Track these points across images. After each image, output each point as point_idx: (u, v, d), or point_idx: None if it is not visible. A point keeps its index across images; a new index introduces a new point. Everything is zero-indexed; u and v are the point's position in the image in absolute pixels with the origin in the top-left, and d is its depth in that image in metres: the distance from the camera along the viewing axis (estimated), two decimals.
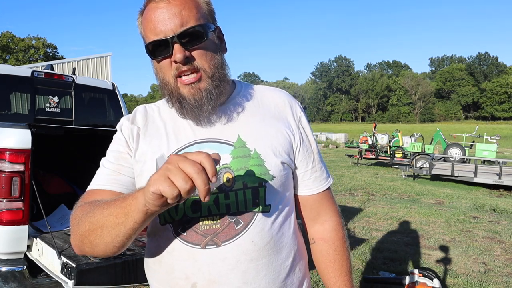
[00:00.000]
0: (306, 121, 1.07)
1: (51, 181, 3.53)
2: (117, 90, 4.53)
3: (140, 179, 0.97)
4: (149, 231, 1.04)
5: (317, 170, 1.07)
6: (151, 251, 1.02)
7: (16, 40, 49.41)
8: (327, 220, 1.09)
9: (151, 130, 1.01)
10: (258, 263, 0.94)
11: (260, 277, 0.95)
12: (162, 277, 0.99)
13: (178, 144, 0.97)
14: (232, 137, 0.97)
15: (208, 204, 0.93)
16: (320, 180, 1.07)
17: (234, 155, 0.95)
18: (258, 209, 0.95)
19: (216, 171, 0.70)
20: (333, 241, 1.08)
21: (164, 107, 1.06)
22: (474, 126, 18.60)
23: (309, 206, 1.08)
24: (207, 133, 0.97)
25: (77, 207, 0.94)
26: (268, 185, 0.95)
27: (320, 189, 1.07)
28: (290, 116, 1.04)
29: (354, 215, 6.57)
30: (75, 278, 2.12)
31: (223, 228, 0.93)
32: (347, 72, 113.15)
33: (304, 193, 1.07)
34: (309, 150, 1.05)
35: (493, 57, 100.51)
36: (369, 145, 15.07)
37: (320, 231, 1.09)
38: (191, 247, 0.94)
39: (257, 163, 0.94)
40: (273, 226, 0.97)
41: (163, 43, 0.91)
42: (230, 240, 0.93)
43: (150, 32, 0.92)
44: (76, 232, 0.89)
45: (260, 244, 0.94)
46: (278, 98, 1.06)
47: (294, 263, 1.02)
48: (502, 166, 9.64)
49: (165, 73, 0.94)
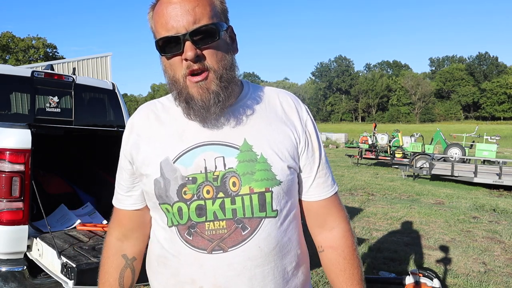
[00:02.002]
0: (312, 126, 1.04)
1: (51, 181, 3.53)
2: (117, 90, 4.52)
3: (145, 181, 0.98)
4: (154, 234, 1.04)
5: (321, 176, 1.03)
6: (156, 253, 1.01)
7: (16, 40, 49.40)
8: (335, 227, 1.05)
9: (154, 131, 1.00)
10: (264, 268, 0.94)
11: (266, 283, 0.94)
12: (167, 280, 0.98)
13: (183, 146, 0.95)
14: (238, 140, 0.94)
15: (214, 209, 0.92)
16: (325, 186, 1.04)
17: (240, 159, 0.93)
18: (264, 214, 0.93)
19: None
20: (343, 249, 1.03)
21: (169, 104, 1.03)
22: (474, 126, 18.58)
23: (314, 212, 1.05)
24: (213, 135, 0.95)
25: (109, 231, 1.13)
26: (275, 190, 0.93)
27: (324, 196, 1.04)
28: (296, 120, 1.01)
29: (354, 215, 6.57)
30: (75, 278, 2.12)
31: (229, 233, 0.92)
32: (347, 72, 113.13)
33: (308, 198, 1.04)
34: (313, 156, 1.02)
35: (493, 57, 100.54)
36: (369, 145, 15.06)
37: (329, 239, 1.05)
38: (197, 251, 0.93)
39: (263, 167, 0.93)
40: (280, 232, 0.96)
41: (174, 39, 0.89)
42: (237, 246, 0.92)
43: (161, 27, 0.90)
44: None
45: (266, 250, 0.93)
46: (285, 102, 1.03)
47: (297, 267, 1.01)
48: (502, 166, 9.63)
49: (175, 71, 0.92)
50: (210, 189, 0.92)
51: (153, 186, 0.95)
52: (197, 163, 0.93)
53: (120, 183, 1.08)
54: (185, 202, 0.93)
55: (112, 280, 1.10)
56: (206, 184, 0.92)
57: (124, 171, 1.05)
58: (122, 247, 1.11)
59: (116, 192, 1.10)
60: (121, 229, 1.11)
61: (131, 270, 1.11)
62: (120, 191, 1.09)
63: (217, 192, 0.92)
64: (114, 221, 1.13)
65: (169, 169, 0.94)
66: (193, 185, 0.93)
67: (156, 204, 0.97)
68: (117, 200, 1.10)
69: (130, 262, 1.11)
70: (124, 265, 1.10)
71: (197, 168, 0.93)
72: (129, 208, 1.08)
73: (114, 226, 1.12)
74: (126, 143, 1.03)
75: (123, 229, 1.11)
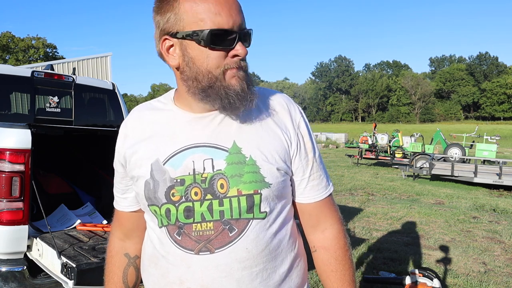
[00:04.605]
0: (305, 128, 1.03)
1: (51, 181, 3.53)
2: (117, 90, 4.52)
3: (137, 183, 0.99)
4: (146, 235, 1.06)
5: (315, 178, 1.03)
6: (148, 253, 1.03)
7: (16, 40, 49.43)
8: (328, 228, 1.05)
9: (146, 133, 1.00)
10: (252, 270, 0.93)
11: (254, 285, 0.94)
12: (157, 280, 0.99)
13: (173, 148, 0.95)
14: (227, 142, 0.94)
15: (202, 211, 0.92)
16: (318, 188, 1.03)
17: (229, 161, 0.92)
18: (252, 215, 0.93)
19: None
20: (335, 249, 1.04)
21: (161, 106, 1.03)
22: (474, 126, 18.60)
23: (308, 213, 1.05)
24: (203, 137, 0.95)
25: (112, 231, 1.17)
26: (264, 192, 0.93)
27: (318, 198, 1.03)
28: (289, 122, 1.00)
29: (354, 215, 6.57)
30: (75, 278, 2.12)
31: (216, 234, 0.92)
32: (347, 72, 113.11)
33: (302, 200, 1.04)
34: (306, 158, 1.01)
35: (493, 57, 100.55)
36: (369, 145, 15.07)
37: (321, 239, 1.05)
38: (185, 252, 0.93)
39: (252, 170, 0.92)
40: (268, 234, 0.95)
41: (229, 33, 0.89)
42: (224, 247, 0.92)
43: (214, 15, 0.87)
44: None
45: (254, 251, 0.93)
46: (277, 103, 1.02)
47: (290, 269, 1.00)
48: (502, 166, 9.64)
49: (213, 63, 0.90)
50: (198, 191, 0.93)
51: (143, 187, 0.96)
52: (186, 164, 0.93)
53: (116, 186, 1.11)
54: (174, 204, 0.93)
55: (116, 279, 1.14)
56: (194, 186, 0.93)
57: (118, 173, 1.08)
58: (124, 246, 1.14)
59: (115, 194, 1.13)
60: (122, 229, 1.14)
61: (134, 268, 1.13)
62: (117, 193, 1.12)
63: (205, 194, 0.92)
64: (115, 222, 1.16)
65: (159, 170, 0.95)
66: (181, 187, 0.93)
67: (145, 206, 0.99)
68: (116, 201, 1.13)
69: (133, 260, 1.14)
70: (127, 264, 1.13)
71: (185, 170, 0.93)
72: (125, 209, 1.11)
73: (116, 226, 1.16)
74: (121, 146, 1.04)
75: (124, 229, 1.14)
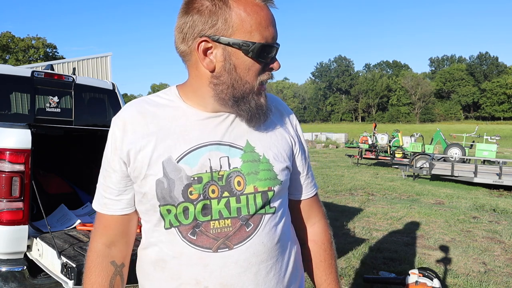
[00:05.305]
0: (300, 129, 1.13)
1: (51, 181, 3.53)
2: (117, 90, 4.52)
3: (145, 182, 0.94)
4: (148, 240, 1.00)
5: (309, 176, 1.13)
6: (152, 258, 0.98)
7: (16, 40, 49.44)
8: (316, 223, 1.15)
9: (153, 129, 0.95)
10: (267, 263, 0.97)
11: (269, 278, 0.97)
12: (165, 284, 0.96)
13: (187, 145, 0.94)
14: (241, 141, 0.97)
15: (219, 208, 0.93)
16: (310, 186, 1.13)
17: (245, 159, 0.96)
18: (264, 211, 0.97)
19: None
20: (323, 242, 1.14)
21: (164, 103, 1.00)
22: (474, 126, 18.61)
23: (299, 209, 1.13)
24: (217, 136, 0.96)
25: (94, 237, 1.06)
26: (276, 189, 0.98)
27: (310, 194, 1.13)
28: (288, 123, 1.09)
29: (354, 215, 6.57)
30: (75, 278, 2.12)
31: (234, 231, 0.93)
32: (347, 72, 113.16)
33: (296, 197, 1.12)
34: (305, 158, 1.11)
35: (493, 57, 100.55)
36: (369, 145, 15.08)
37: (311, 233, 1.15)
38: (202, 251, 0.92)
39: (266, 167, 0.97)
40: (279, 227, 1.00)
41: (274, 49, 0.94)
42: (242, 243, 0.94)
43: (264, 29, 0.92)
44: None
45: (269, 245, 0.97)
46: (278, 105, 1.10)
47: (294, 260, 1.06)
48: (502, 166, 9.65)
49: (253, 75, 0.94)
50: (215, 188, 0.93)
51: (154, 187, 0.92)
52: (202, 162, 0.93)
53: (108, 187, 1.01)
54: (192, 203, 0.92)
55: None
56: (211, 184, 0.93)
57: (115, 173, 0.99)
58: (110, 253, 1.05)
59: (102, 196, 1.03)
60: (108, 235, 1.05)
61: (120, 278, 1.06)
62: (108, 195, 1.02)
63: (222, 191, 0.94)
64: (99, 227, 1.06)
65: (173, 169, 0.92)
66: (199, 185, 0.92)
67: (154, 207, 0.94)
68: (104, 205, 1.03)
69: (119, 269, 1.06)
70: (113, 273, 1.05)
71: (202, 168, 0.93)
72: (117, 213, 1.02)
73: (100, 231, 1.05)
74: (119, 141, 0.96)
75: (110, 235, 1.05)
